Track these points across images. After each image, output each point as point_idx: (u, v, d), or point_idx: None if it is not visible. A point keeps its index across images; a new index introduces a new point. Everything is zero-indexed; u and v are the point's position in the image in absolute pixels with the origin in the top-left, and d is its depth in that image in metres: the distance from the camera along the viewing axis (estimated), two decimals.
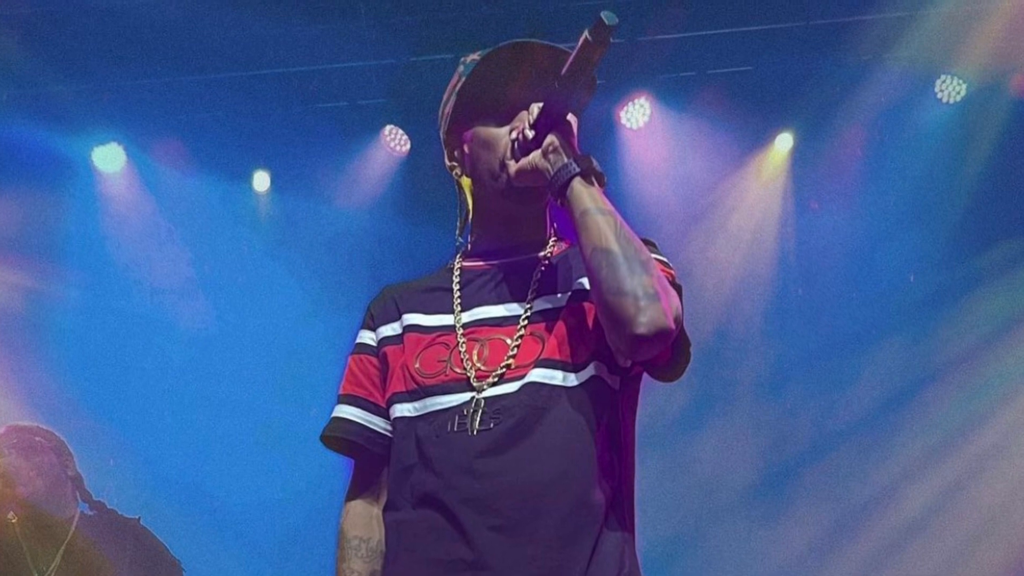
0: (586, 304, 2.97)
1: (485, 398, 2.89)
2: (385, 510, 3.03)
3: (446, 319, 3.08)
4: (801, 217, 9.61)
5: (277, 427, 9.52)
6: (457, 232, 3.27)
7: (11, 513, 6.08)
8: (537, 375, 2.89)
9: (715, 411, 9.63)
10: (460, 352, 2.98)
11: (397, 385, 3.03)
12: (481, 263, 3.17)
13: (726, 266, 9.67)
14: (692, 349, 2.90)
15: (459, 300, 3.10)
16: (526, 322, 2.98)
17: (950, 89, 9.00)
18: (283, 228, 9.94)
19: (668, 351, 2.83)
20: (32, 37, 8.51)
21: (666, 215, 9.31)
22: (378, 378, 3.13)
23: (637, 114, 9.25)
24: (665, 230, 8.96)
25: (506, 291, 3.07)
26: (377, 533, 3.07)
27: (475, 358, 2.96)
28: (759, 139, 9.44)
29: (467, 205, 3.23)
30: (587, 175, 2.88)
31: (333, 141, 9.49)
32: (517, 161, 2.98)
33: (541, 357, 2.92)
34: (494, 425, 2.85)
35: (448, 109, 3.21)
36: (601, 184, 2.90)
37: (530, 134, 2.94)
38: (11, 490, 6.09)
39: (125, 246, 9.77)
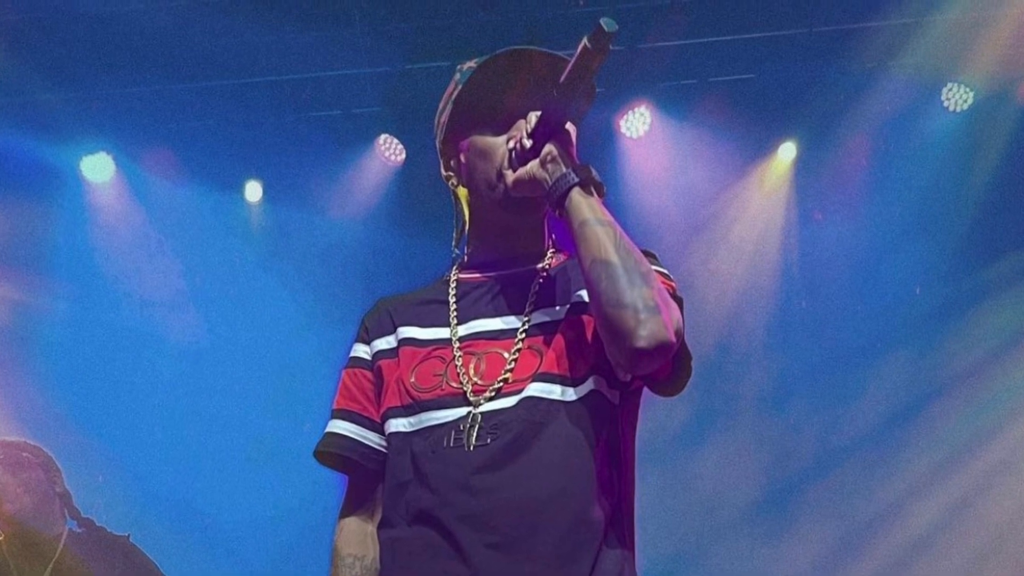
0: (585, 317, 2.97)
1: (482, 413, 2.88)
2: (380, 527, 3.03)
3: (442, 332, 3.07)
4: (805, 228, 9.62)
5: (269, 443, 9.51)
6: (453, 243, 3.28)
7: None
8: (535, 389, 2.89)
9: (717, 426, 9.63)
10: (456, 366, 2.98)
11: (392, 400, 3.03)
12: (478, 275, 3.17)
13: (728, 278, 9.67)
14: (693, 363, 2.90)
15: (455, 313, 3.09)
16: (524, 335, 2.98)
17: (957, 97, 9.01)
18: (276, 239, 9.94)
19: (669, 365, 2.83)
20: (19, 44, 8.50)
21: (667, 226, 9.31)
22: (373, 392, 3.13)
23: (637, 123, 9.26)
24: (666, 241, 8.97)
25: (503, 304, 3.07)
26: (372, 551, 3.07)
27: (472, 372, 2.96)
28: (762, 148, 9.44)
29: (463, 216, 3.23)
30: (586, 185, 2.88)
31: (327, 150, 9.49)
32: (514, 171, 2.98)
33: (539, 371, 2.91)
34: (491, 440, 2.84)
35: (444, 118, 3.21)
36: (600, 194, 2.90)
37: (528, 143, 2.94)
38: None
39: (114, 258, 9.76)
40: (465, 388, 2.93)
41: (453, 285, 3.17)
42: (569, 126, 2.97)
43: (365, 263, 9.66)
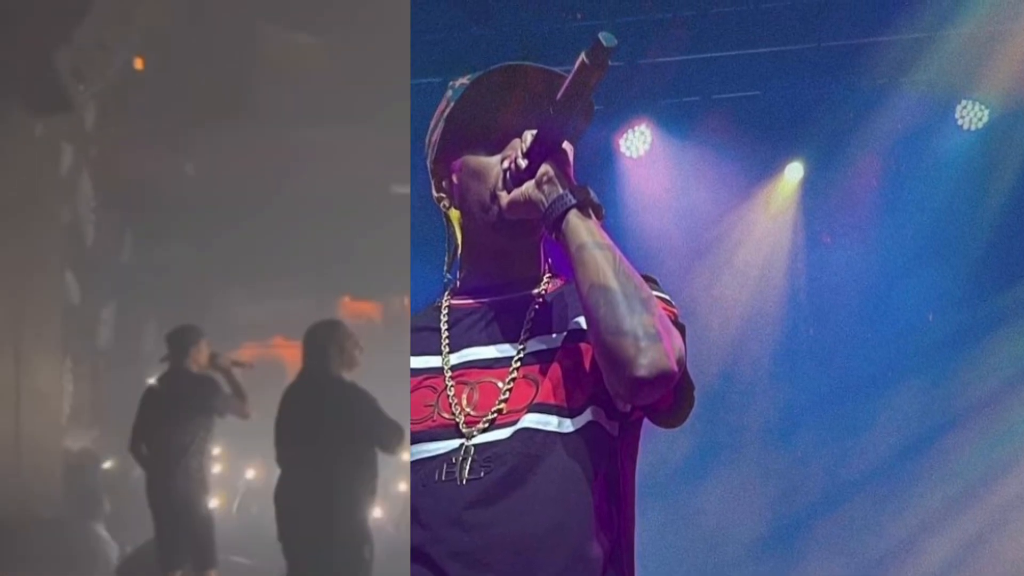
0: (583, 345, 2.94)
1: (475, 445, 2.86)
2: None
3: (433, 361, 3.05)
4: (812, 252, 9.63)
5: None
6: (445, 268, 3.26)
7: None
8: (530, 421, 2.87)
9: (721, 459, 9.63)
10: (448, 396, 2.96)
11: None
12: (471, 301, 3.14)
13: (732, 304, 9.68)
14: (696, 393, 2.88)
15: (447, 340, 3.07)
16: (519, 364, 2.96)
17: (971, 115, 9.03)
18: None
19: (670, 395, 2.82)
20: None
21: (668, 249, 9.32)
22: None
23: (637, 142, 9.28)
24: (667, 266, 8.97)
25: (497, 331, 3.05)
26: None
27: (464, 402, 2.94)
28: (767, 168, 9.46)
29: (456, 239, 3.21)
30: (584, 207, 2.86)
31: None
32: (509, 192, 2.96)
33: (535, 401, 2.89)
34: (484, 474, 2.82)
35: (435, 136, 3.19)
36: (599, 216, 2.89)
37: (523, 163, 2.92)
38: None
39: None
40: (457, 419, 2.91)
41: (445, 311, 3.15)
42: (566, 145, 2.96)
43: None
